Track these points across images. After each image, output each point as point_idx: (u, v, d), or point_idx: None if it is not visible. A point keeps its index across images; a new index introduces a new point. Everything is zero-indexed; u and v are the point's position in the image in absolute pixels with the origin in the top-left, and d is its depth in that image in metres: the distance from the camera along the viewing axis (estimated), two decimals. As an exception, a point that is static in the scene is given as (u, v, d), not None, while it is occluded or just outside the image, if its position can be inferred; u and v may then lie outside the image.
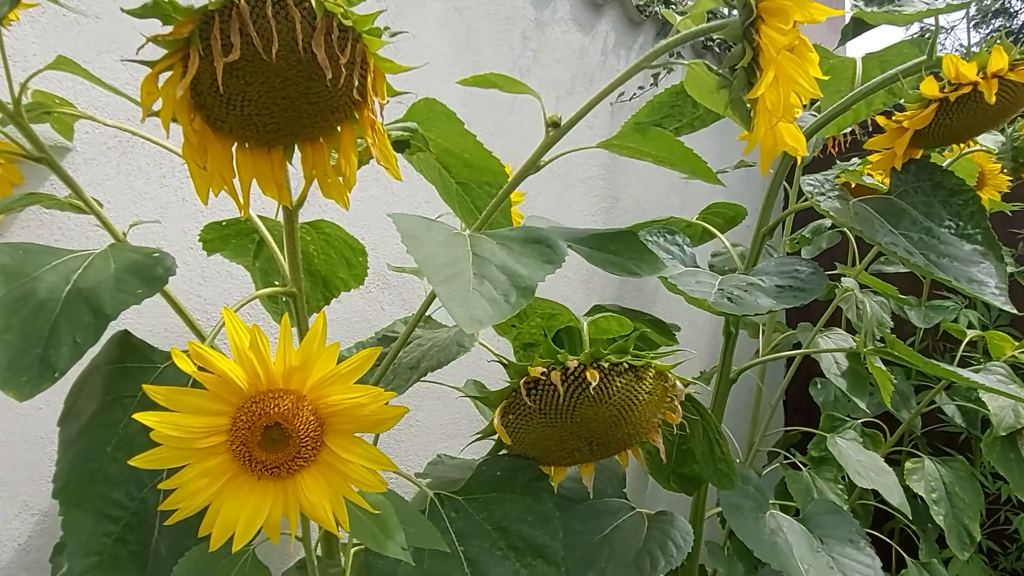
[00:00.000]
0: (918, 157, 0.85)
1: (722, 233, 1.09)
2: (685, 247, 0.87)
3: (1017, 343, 1.36)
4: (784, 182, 1.66)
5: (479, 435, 0.63)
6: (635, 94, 1.52)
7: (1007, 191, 1.34)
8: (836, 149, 1.28)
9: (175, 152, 0.52)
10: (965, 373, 0.87)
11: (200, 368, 0.37)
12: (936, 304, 1.63)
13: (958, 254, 0.75)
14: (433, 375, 0.67)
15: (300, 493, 0.38)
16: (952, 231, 0.80)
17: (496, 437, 0.64)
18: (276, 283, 0.79)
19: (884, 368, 1.14)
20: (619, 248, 0.53)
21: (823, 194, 0.79)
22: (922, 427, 1.55)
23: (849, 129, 1.31)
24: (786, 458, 1.30)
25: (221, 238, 0.73)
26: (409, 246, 0.42)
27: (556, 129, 0.53)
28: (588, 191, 1.46)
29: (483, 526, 0.61)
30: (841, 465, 1.18)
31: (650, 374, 0.60)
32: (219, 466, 0.38)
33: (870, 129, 0.89)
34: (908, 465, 1.31)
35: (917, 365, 0.88)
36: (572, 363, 0.58)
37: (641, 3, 1.50)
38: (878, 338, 1.01)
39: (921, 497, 1.35)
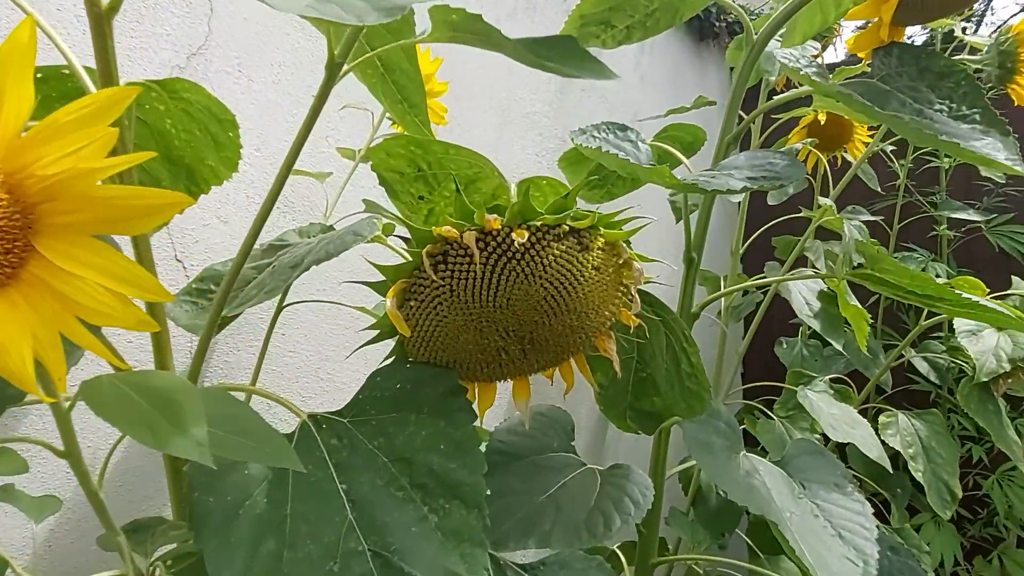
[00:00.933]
0: (900, 40, 0.73)
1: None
2: (640, 144, 0.73)
3: (987, 288, 1.27)
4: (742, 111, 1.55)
5: (373, 330, 0.47)
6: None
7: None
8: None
9: None
10: (957, 291, 0.75)
11: None
12: (904, 255, 1.54)
13: (956, 132, 0.63)
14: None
15: (-19, 327, 0.22)
16: (945, 113, 0.68)
17: (397, 340, 0.48)
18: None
19: (859, 307, 1.03)
20: (554, 54, 0.38)
21: (800, 67, 0.66)
22: (892, 386, 1.46)
23: (814, 52, 1.19)
24: (754, 417, 1.18)
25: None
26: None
27: None
28: (531, 127, 1.31)
29: (377, 457, 0.45)
30: (814, 418, 1.06)
31: (598, 243, 0.45)
32: None
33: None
34: (882, 420, 1.20)
35: (906, 282, 0.76)
36: (493, 222, 0.42)
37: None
38: (855, 264, 0.89)
39: (893, 460, 1.25)
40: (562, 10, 1.34)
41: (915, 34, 1.85)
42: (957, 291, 0.75)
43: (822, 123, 1.20)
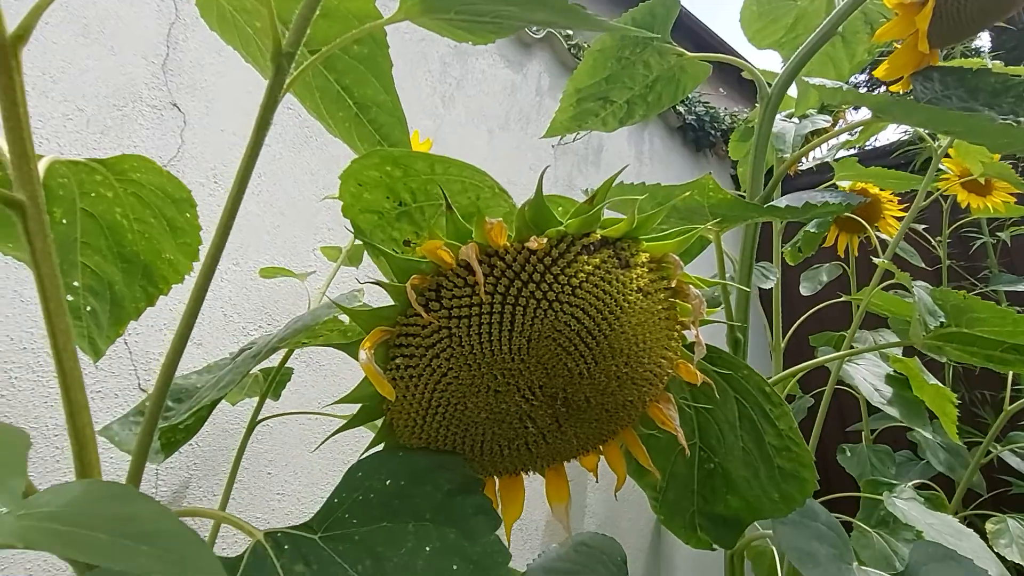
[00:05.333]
0: (937, 63, 0.66)
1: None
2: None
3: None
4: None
5: (346, 405, 0.35)
6: (576, 137, 1.37)
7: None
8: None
9: None
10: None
11: None
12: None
13: (1044, 131, 0.54)
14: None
15: None
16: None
17: (383, 422, 0.36)
18: (76, 283, 0.53)
19: (940, 385, 0.88)
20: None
21: (837, 86, 0.58)
22: (986, 490, 1.26)
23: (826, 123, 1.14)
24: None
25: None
26: None
27: None
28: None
29: (362, 588, 0.31)
30: (916, 528, 0.87)
31: (642, 259, 0.34)
32: None
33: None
34: (990, 527, 1.01)
35: (1007, 329, 0.64)
36: (498, 235, 0.31)
37: (572, 44, 1.39)
38: (931, 327, 0.76)
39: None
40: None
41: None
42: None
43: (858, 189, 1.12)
